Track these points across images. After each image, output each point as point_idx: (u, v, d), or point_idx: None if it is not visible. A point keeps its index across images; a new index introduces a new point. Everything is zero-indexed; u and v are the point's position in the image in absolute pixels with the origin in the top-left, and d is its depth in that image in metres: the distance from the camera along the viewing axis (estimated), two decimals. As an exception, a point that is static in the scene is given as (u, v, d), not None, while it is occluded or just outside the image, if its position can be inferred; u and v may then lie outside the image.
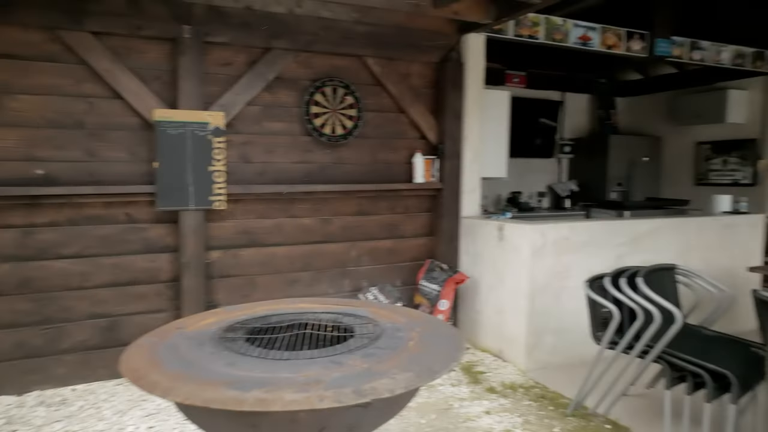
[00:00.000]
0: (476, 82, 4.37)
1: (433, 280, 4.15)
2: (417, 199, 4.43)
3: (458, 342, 1.54)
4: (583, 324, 3.87)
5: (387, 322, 1.71)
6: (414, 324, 1.71)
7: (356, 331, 1.61)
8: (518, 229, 3.80)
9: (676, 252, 4.26)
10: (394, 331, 1.62)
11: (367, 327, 1.64)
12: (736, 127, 6.26)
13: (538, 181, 7.17)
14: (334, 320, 1.72)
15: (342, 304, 1.96)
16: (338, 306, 1.92)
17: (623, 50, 4.92)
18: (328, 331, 1.63)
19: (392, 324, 1.70)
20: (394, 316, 1.78)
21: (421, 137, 4.38)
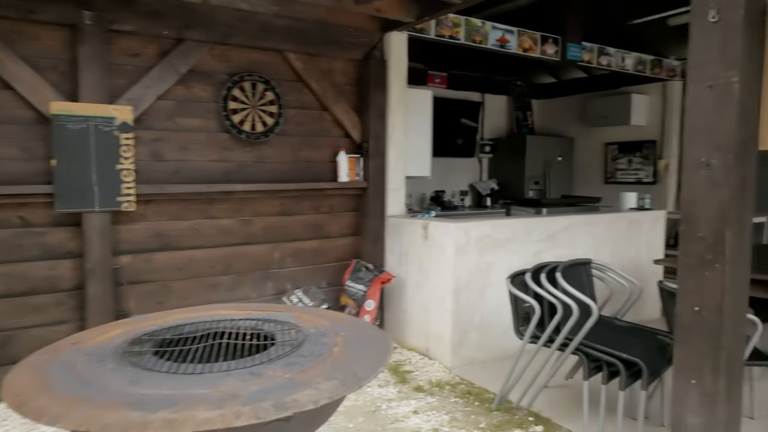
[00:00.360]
0: (399, 80, 4.36)
1: (359, 281, 4.09)
2: (342, 199, 4.36)
3: (385, 345, 1.49)
4: (505, 319, 3.97)
5: (310, 327, 1.62)
6: (339, 327, 1.63)
7: (277, 339, 1.51)
8: (443, 227, 3.83)
9: (589, 246, 4.47)
10: (318, 337, 1.54)
11: (289, 333, 1.55)
12: (638, 129, 6.71)
13: (460, 180, 7.32)
14: (253, 327, 1.61)
15: (263, 310, 1.84)
16: (259, 312, 1.80)
17: (538, 53, 5.11)
18: (246, 339, 1.52)
19: (316, 329, 1.61)
20: (318, 320, 1.70)
21: (345, 135, 4.31)
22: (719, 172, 2.16)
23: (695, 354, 2.26)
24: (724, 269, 2.16)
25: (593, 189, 7.20)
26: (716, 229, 2.19)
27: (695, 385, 2.27)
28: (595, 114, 6.94)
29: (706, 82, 2.20)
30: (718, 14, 2.17)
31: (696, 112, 2.25)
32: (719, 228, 2.18)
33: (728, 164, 2.13)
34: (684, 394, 2.30)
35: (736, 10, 2.10)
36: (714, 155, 2.18)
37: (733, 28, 2.11)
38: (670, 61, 6.29)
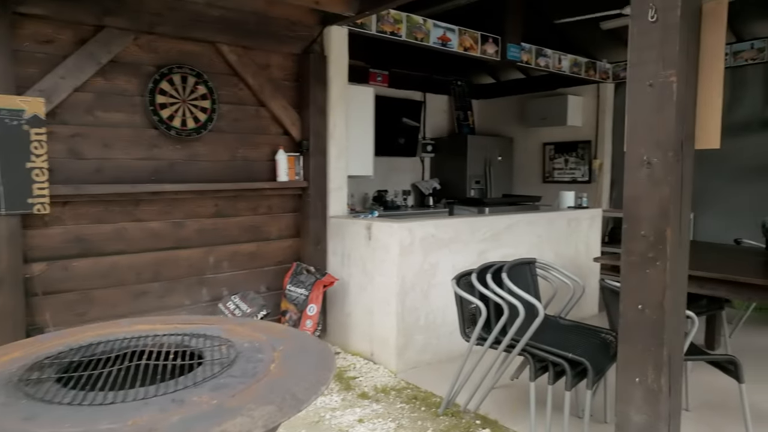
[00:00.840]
0: (340, 76, 4.22)
1: (301, 284, 3.92)
2: (281, 199, 4.17)
3: (328, 359, 1.36)
4: (451, 320, 3.92)
5: (244, 341, 1.47)
6: (276, 341, 1.48)
7: (206, 357, 1.34)
8: (387, 227, 3.72)
9: (532, 245, 4.51)
10: (252, 353, 1.38)
11: (219, 350, 1.38)
12: (574, 129, 6.90)
13: (403, 180, 7.27)
14: (178, 344, 1.43)
15: (191, 323, 1.66)
16: (186, 325, 1.62)
17: (479, 53, 5.12)
18: (170, 359, 1.34)
19: (251, 343, 1.46)
20: (254, 333, 1.54)
21: (283, 133, 4.12)
22: (660, 170, 2.17)
23: (639, 352, 2.27)
24: (666, 267, 2.17)
25: (532, 188, 7.34)
26: (658, 227, 2.20)
27: (639, 383, 2.28)
28: (533, 114, 7.08)
29: (646, 81, 2.21)
30: (656, 14, 2.18)
31: (637, 111, 2.25)
32: (660, 226, 2.19)
33: (668, 163, 2.15)
34: (628, 392, 2.30)
35: (673, 10, 2.12)
36: (655, 154, 2.19)
37: (671, 27, 2.12)
38: (603, 64, 6.50)
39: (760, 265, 3.50)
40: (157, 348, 1.39)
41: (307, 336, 1.58)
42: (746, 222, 5.48)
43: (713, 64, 2.28)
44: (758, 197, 5.45)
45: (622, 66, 6.52)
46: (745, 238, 4.78)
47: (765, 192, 5.41)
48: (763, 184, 5.42)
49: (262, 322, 1.79)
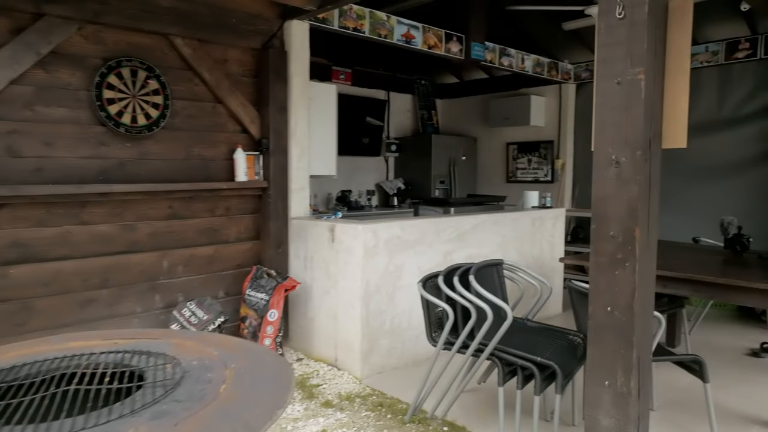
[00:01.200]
0: (301, 72, 4.07)
1: (261, 289, 3.76)
2: (240, 200, 3.99)
3: (286, 379, 1.23)
4: (417, 323, 3.84)
5: (193, 359, 1.33)
6: (229, 357, 1.35)
7: (148, 378, 1.20)
8: (350, 229, 3.61)
9: (497, 245, 4.47)
10: (201, 372, 1.25)
11: (163, 370, 1.24)
12: (537, 129, 6.94)
13: (367, 180, 7.16)
14: (117, 364, 1.28)
15: (135, 337, 1.51)
16: (128, 340, 1.47)
17: (443, 51, 5.05)
18: (105, 382, 1.19)
19: (200, 360, 1.32)
20: (205, 349, 1.40)
21: (242, 131, 3.95)
22: (628, 169, 2.13)
23: (608, 355, 2.22)
24: (635, 268, 2.13)
25: (496, 188, 7.35)
26: (626, 227, 2.15)
27: (608, 387, 2.23)
28: (496, 114, 7.08)
29: (614, 79, 2.16)
30: (624, 10, 2.14)
31: (605, 109, 2.21)
32: (629, 226, 2.15)
33: (637, 162, 2.11)
34: (597, 396, 2.26)
35: (641, 6, 2.08)
36: (623, 153, 2.14)
37: (638, 24, 2.09)
38: (565, 65, 6.55)
39: (721, 263, 3.54)
40: (91, 369, 1.23)
41: (264, 351, 1.45)
42: (702, 221, 5.61)
43: (679, 62, 2.25)
44: (713, 196, 5.59)
45: (583, 67, 6.59)
46: (703, 236, 4.88)
47: (719, 191, 5.55)
48: (718, 184, 5.56)
49: (215, 335, 1.65)
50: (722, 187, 5.54)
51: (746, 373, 3.70)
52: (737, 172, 5.45)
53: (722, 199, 5.52)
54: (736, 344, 4.33)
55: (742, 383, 3.49)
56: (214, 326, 3.41)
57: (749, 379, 3.57)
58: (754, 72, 5.33)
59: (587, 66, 6.55)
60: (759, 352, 4.06)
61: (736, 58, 5.40)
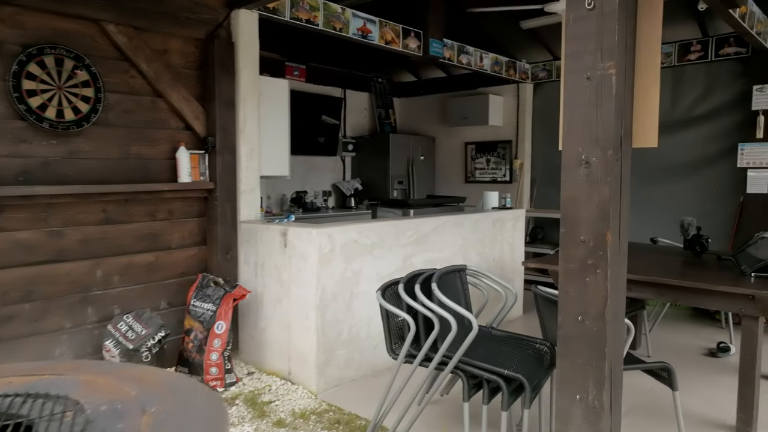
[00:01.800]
0: (251, 66, 3.81)
1: (207, 299, 3.47)
2: (184, 202, 3.69)
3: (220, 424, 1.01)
4: (375, 332, 3.65)
5: (102, 402, 1.08)
6: (150, 398, 1.11)
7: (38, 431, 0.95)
8: (304, 233, 3.37)
9: (458, 248, 4.33)
10: (110, 421, 1.01)
11: (61, 421, 0.99)
12: (495, 129, 6.88)
13: (323, 180, 6.92)
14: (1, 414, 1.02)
15: (36, 373, 1.24)
16: (26, 378, 1.20)
17: (401, 47, 4.88)
18: (-20, 441, 0.94)
19: (110, 404, 1.07)
20: (120, 387, 1.16)
21: (185, 128, 3.65)
22: (599, 170, 2.00)
23: (579, 367, 2.09)
24: (607, 274, 2.00)
25: (455, 188, 7.25)
26: (597, 231, 2.02)
27: (579, 401, 2.10)
28: (455, 114, 6.98)
29: (583, 73, 2.02)
30: (593, 0, 2.01)
31: (573, 106, 2.07)
32: (600, 230, 2.02)
33: (608, 162, 1.98)
34: (568, 411, 2.12)
35: (612, -3, 1.96)
36: (593, 152, 2.01)
37: (609, 15, 1.95)
38: (522, 64, 6.51)
39: (682, 265, 3.51)
40: (-35, 423, 0.97)
41: (194, 387, 1.22)
42: (657, 220, 5.66)
43: (650, 57, 2.13)
44: (667, 197, 5.64)
45: (540, 66, 6.56)
46: (659, 236, 4.90)
47: (674, 191, 5.61)
48: (672, 184, 5.61)
49: (135, 367, 1.39)
50: (677, 187, 5.60)
51: (707, 374, 3.68)
52: (691, 172, 5.52)
53: (677, 199, 5.58)
54: (694, 344, 4.34)
55: (704, 385, 3.47)
56: (153, 341, 3.11)
57: (710, 381, 3.55)
58: (706, 73, 5.41)
59: (544, 66, 6.53)
60: (716, 352, 4.08)
61: (689, 59, 5.46)
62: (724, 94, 5.29)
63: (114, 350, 3.05)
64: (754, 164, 5.04)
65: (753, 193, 5.07)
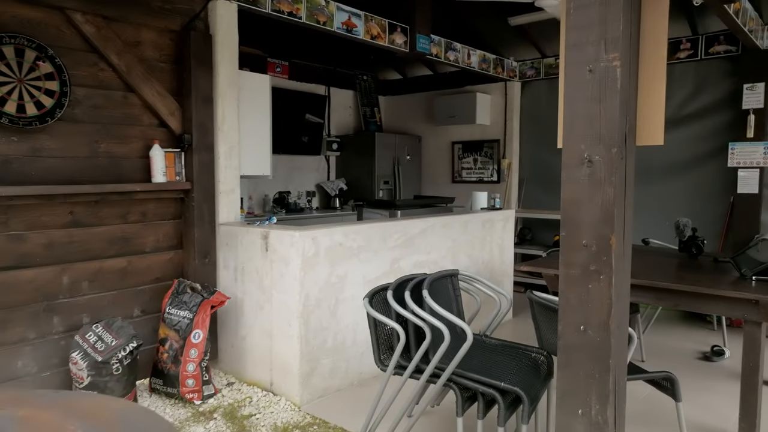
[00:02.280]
0: (229, 60, 3.61)
1: (183, 306, 3.27)
2: (158, 204, 3.48)
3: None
4: (362, 339, 3.48)
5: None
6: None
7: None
8: (286, 236, 3.19)
9: (446, 250, 4.19)
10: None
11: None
12: (482, 128, 6.75)
13: (306, 180, 6.74)
14: None
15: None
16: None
17: (387, 42, 4.72)
18: None
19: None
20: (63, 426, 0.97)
21: (160, 124, 3.45)
22: (603, 169, 1.86)
23: (582, 380, 1.94)
24: (611, 281, 1.86)
25: (441, 188, 7.11)
26: (601, 234, 1.88)
27: (582, 416, 1.95)
28: (441, 112, 6.84)
29: (585, 66, 1.87)
30: (596, -14, 1.87)
31: (575, 101, 1.92)
32: (604, 233, 1.87)
33: (612, 160, 1.84)
34: (569, 427, 1.97)
35: (616, -18, 1.82)
36: (596, 150, 1.86)
37: (614, 4, 1.81)
38: (510, 62, 6.39)
39: (679, 268, 3.40)
40: None
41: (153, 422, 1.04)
42: (647, 221, 5.57)
43: (655, 48, 1.99)
44: (657, 196, 5.57)
45: (528, 64, 6.45)
46: (652, 237, 4.81)
47: (663, 191, 5.53)
48: (662, 184, 5.53)
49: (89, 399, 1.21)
50: (666, 187, 5.53)
51: (703, 379, 3.58)
52: (680, 172, 5.45)
53: (666, 199, 5.51)
54: (687, 347, 4.25)
55: (702, 392, 3.36)
56: (124, 352, 2.91)
57: (707, 386, 3.45)
58: (695, 72, 5.34)
59: (533, 63, 6.41)
60: (711, 356, 3.99)
61: (678, 58, 5.39)
62: (714, 93, 5.22)
63: (81, 362, 2.84)
64: (744, 164, 4.97)
65: (743, 193, 5.01)
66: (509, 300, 2.72)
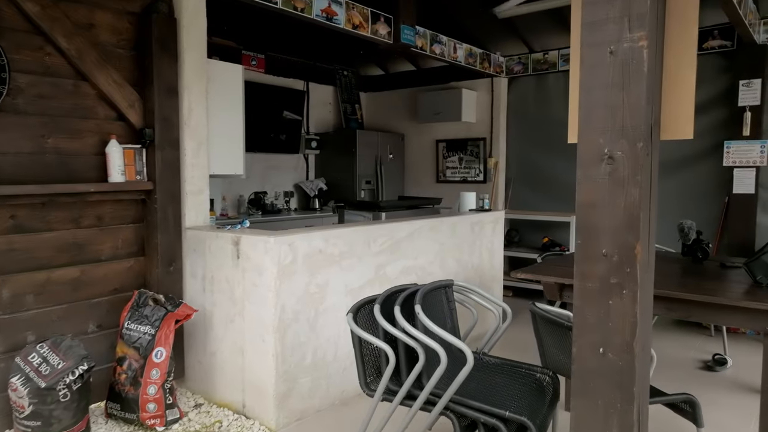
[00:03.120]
0: (197, 47, 3.27)
1: (144, 320, 2.92)
2: (116, 206, 3.13)
3: None
4: (344, 354, 3.18)
5: None
6: None
7: None
8: (260, 242, 2.87)
9: (434, 255, 3.91)
10: None
11: None
12: (468, 126, 6.49)
13: (284, 180, 6.40)
14: None
15: None
16: None
17: (369, 32, 4.42)
18: None
19: None
20: None
21: (117, 117, 3.09)
22: (626, 166, 1.59)
23: (601, 410, 1.67)
24: (635, 296, 1.59)
25: (425, 189, 6.84)
26: (624, 242, 1.60)
27: (602, 453, 1.69)
28: (425, 109, 6.56)
29: (606, 47, 1.60)
30: (619, -46, 1.60)
31: (592, 87, 1.65)
32: (628, 241, 1.60)
33: (637, 156, 1.57)
34: (587, 464, 1.72)
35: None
36: (618, 145, 1.59)
37: (639, -27, 1.56)
38: (497, 57, 6.14)
39: (684, 274, 3.17)
40: None
41: None
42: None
43: (685, 28, 1.73)
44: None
45: (516, 60, 6.21)
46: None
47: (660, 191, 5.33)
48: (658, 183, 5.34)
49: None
50: (659, 186, 5.34)
51: (707, 391, 3.36)
52: (674, 171, 5.26)
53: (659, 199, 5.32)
54: (686, 356, 4.04)
55: (710, 407, 3.12)
56: (73, 376, 2.55)
57: (713, 400, 3.22)
58: (689, 68, 5.15)
59: (520, 59, 6.18)
60: (713, 366, 3.78)
61: (671, 53, 5.20)
62: (708, 90, 5.04)
63: (22, 389, 2.48)
64: (740, 163, 4.80)
65: (739, 193, 4.83)
66: (509, 313, 2.44)
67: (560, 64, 5.87)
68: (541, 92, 6.08)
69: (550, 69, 5.96)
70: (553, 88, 5.97)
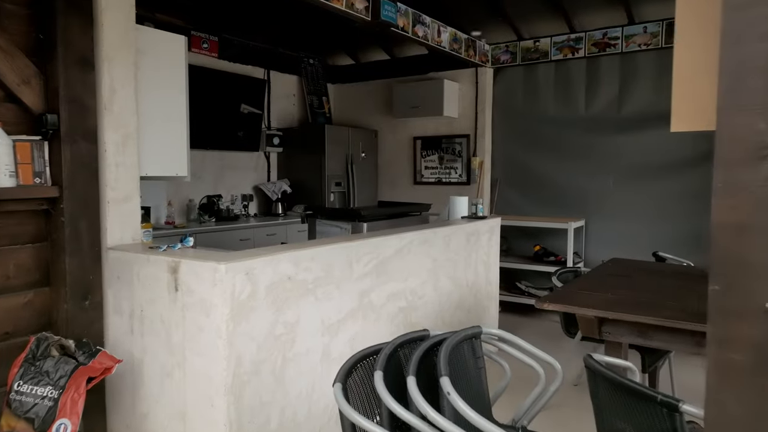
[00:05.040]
0: (121, 7, 2.47)
1: (44, 378, 2.11)
2: (5, 220, 2.29)
3: None
4: (320, 410, 2.42)
5: None
6: None
7: None
8: (206, 269, 2.10)
9: (426, 273, 3.22)
10: None
11: None
12: (450, 121, 5.84)
13: (242, 181, 5.60)
14: None
15: None
16: None
17: (344, 6, 3.69)
18: None
19: None
20: None
21: (6, 98, 2.25)
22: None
23: None
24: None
25: (402, 191, 6.15)
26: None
27: None
28: (402, 102, 5.87)
29: None
30: None
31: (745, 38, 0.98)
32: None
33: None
34: None
35: None
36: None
37: None
38: (482, 44, 5.51)
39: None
40: None
41: None
42: (644, 229, 4.86)
43: None
44: (647, 199, 4.86)
45: (502, 48, 5.60)
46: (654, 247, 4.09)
47: (661, 193, 4.82)
48: (660, 185, 4.82)
49: None
50: (656, 188, 4.83)
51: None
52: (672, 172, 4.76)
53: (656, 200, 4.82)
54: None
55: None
56: None
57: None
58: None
59: (507, 47, 5.56)
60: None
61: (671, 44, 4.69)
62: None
63: None
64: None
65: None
66: (559, 372, 1.76)
67: (553, 52, 5.28)
68: (531, 84, 5.49)
69: (541, 59, 5.37)
70: (543, 79, 5.39)
